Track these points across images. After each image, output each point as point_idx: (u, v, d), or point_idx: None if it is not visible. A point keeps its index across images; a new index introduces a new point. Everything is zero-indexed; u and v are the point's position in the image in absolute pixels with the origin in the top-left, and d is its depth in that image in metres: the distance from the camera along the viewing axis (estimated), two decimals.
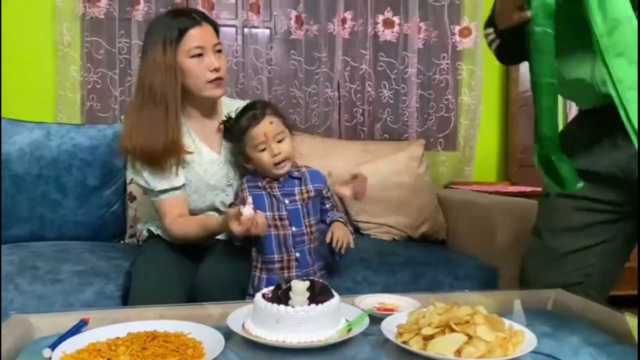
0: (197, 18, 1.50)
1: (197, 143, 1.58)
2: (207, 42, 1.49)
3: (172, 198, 1.52)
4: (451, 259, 1.90)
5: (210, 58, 1.48)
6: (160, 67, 1.46)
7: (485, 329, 0.92)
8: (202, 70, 1.48)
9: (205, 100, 1.55)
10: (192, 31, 1.48)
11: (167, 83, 1.46)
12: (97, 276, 1.59)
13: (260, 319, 0.98)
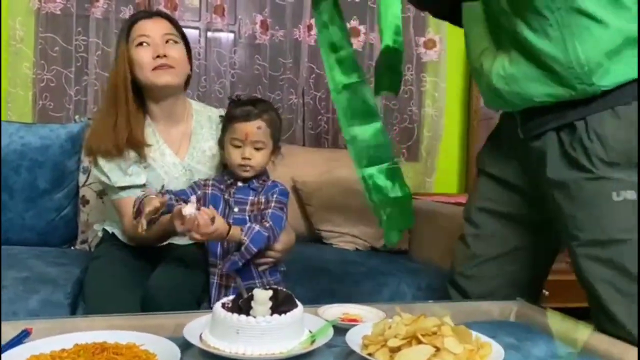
0: (152, 13, 1.54)
1: (161, 145, 1.54)
2: (154, 31, 1.47)
3: (133, 197, 1.45)
4: (414, 269, 1.89)
5: (156, 46, 1.46)
6: (115, 61, 1.51)
7: (453, 340, 0.89)
8: (146, 58, 1.46)
9: (157, 90, 1.49)
10: (140, 22, 1.49)
11: (118, 75, 1.47)
12: (44, 283, 1.49)
13: (220, 329, 0.93)
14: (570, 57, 1.11)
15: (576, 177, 1.17)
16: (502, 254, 1.38)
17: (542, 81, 1.17)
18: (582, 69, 1.11)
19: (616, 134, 1.13)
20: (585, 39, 1.10)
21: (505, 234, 1.38)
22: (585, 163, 1.15)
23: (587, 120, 1.14)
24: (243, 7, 2.59)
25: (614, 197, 1.13)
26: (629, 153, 1.13)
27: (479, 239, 1.41)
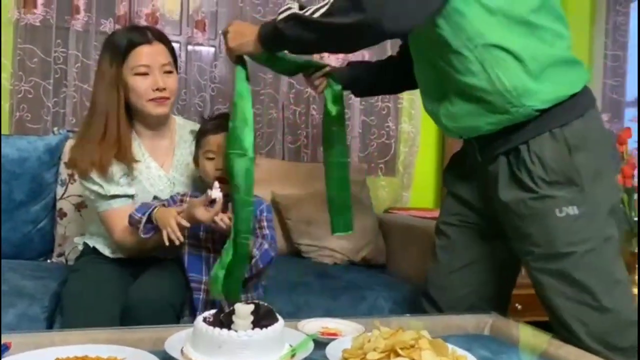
0: (149, 36, 1.49)
1: (147, 158, 1.56)
2: (155, 61, 1.48)
3: (123, 207, 1.48)
4: (391, 283, 1.92)
5: (155, 77, 1.48)
6: (105, 80, 1.47)
7: (430, 353, 0.92)
8: (145, 89, 1.47)
9: (149, 117, 1.52)
10: (140, 48, 1.47)
11: (110, 96, 1.47)
12: (20, 297, 1.48)
13: (201, 343, 0.94)
14: (497, 86, 1.21)
15: (523, 197, 1.25)
16: (468, 265, 1.45)
17: (482, 113, 1.26)
18: (511, 94, 1.21)
19: (554, 155, 1.22)
20: (505, 68, 1.20)
21: (470, 246, 1.45)
22: (529, 184, 1.24)
23: (529, 144, 1.23)
24: (224, 22, 2.60)
25: (557, 213, 1.22)
26: (567, 172, 1.21)
27: (446, 251, 1.48)
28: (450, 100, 1.31)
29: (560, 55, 1.23)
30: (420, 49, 1.35)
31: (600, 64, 2.82)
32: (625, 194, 2.36)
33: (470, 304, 1.42)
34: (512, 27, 1.19)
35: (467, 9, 1.18)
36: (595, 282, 1.22)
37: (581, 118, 1.23)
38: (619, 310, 1.22)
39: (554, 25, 1.23)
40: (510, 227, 1.32)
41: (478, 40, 1.19)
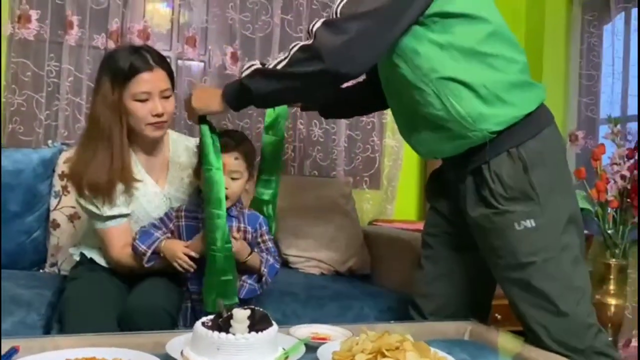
0: (150, 62, 1.50)
1: (143, 174, 1.59)
2: (155, 87, 1.49)
3: (120, 226, 1.52)
4: (376, 292, 1.99)
5: (155, 103, 1.49)
6: (107, 104, 1.48)
7: (413, 354, 0.99)
8: (144, 114, 1.49)
9: (146, 138, 1.56)
10: (142, 75, 1.48)
11: (113, 120, 1.49)
12: (17, 305, 1.52)
13: (201, 346, 1.00)
14: (453, 114, 1.32)
15: (487, 213, 1.36)
16: (448, 273, 1.54)
17: (444, 139, 1.37)
18: (466, 120, 1.31)
19: (510, 173, 1.32)
20: (460, 97, 1.31)
21: (450, 255, 1.54)
22: (491, 200, 1.34)
23: (490, 164, 1.34)
24: (214, 39, 2.68)
25: (516, 226, 1.32)
26: (523, 189, 1.32)
27: (429, 261, 1.57)
28: (416, 128, 1.43)
29: (512, 79, 1.34)
30: (387, 83, 1.47)
31: (575, 83, 2.94)
32: (600, 208, 2.48)
33: (452, 310, 1.51)
34: (463, 59, 1.30)
35: (421, 47, 1.30)
36: (553, 288, 1.32)
37: (536, 137, 1.33)
38: (576, 314, 1.32)
39: (504, 51, 1.34)
40: (479, 241, 1.43)
41: (433, 75, 1.30)
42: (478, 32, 1.31)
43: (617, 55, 2.76)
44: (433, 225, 1.58)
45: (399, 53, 1.32)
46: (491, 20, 1.33)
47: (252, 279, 1.51)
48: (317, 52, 1.21)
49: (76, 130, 2.40)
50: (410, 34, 1.30)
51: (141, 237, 1.48)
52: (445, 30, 1.29)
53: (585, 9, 2.93)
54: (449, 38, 1.29)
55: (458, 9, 1.29)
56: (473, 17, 1.30)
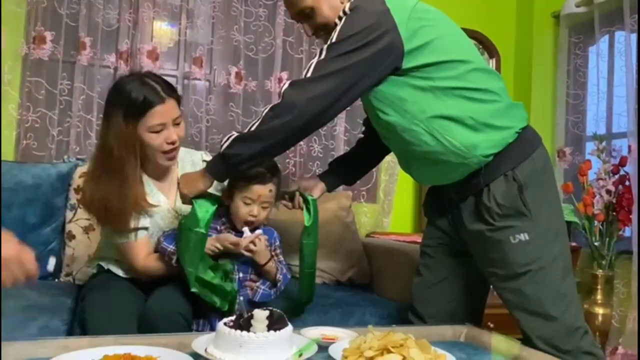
0: (162, 94, 1.54)
1: (155, 192, 1.67)
2: (168, 118, 1.55)
3: (143, 238, 1.61)
4: (376, 300, 2.10)
5: (169, 131, 1.56)
6: (121, 137, 1.52)
7: (416, 351, 1.10)
8: (159, 143, 1.56)
9: (160, 165, 1.64)
10: (156, 109, 1.53)
11: (127, 152, 1.54)
12: (41, 311, 1.62)
13: (224, 344, 1.10)
14: (448, 147, 1.44)
15: (483, 229, 1.49)
16: (444, 279, 1.66)
17: (444, 171, 1.50)
18: (461, 150, 1.44)
19: (506, 195, 1.45)
20: (451, 131, 1.44)
21: (447, 263, 1.66)
22: (488, 218, 1.48)
23: (490, 187, 1.47)
24: (219, 59, 2.81)
25: (512, 240, 1.46)
26: (517, 207, 1.45)
27: (427, 268, 1.69)
28: (415, 164, 1.56)
29: (495, 107, 1.46)
30: (379, 128, 1.59)
31: (563, 102, 3.08)
32: (587, 221, 2.60)
33: (449, 313, 1.63)
34: (446, 97, 1.43)
35: (404, 93, 1.43)
36: (545, 295, 1.45)
37: (528, 159, 1.46)
38: (565, 318, 1.45)
39: (481, 83, 1.46)
40: (476, 254, 1.56)
41: (422, 115, 1.43)
42: (456, 72, 1.43)
43: (601, 75, 2.90)
44: (431, 238, 1.69)
45: (384, 101, 1.45)
46: (467, 59, 1.45)
47: (266, 285, 1.62)
48: (284, 108, 1.37)
49: (87, 146, 2.51)
50: (389, 82, 1.42)
51: (167, 239, 1.57)
52: (425, 76, 1.42)
53: (571, 32, 3.08)
54: (430, 82, 1.42)
55: (435, 58, 1.41)
56: (450, 61, 1.43)
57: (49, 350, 1.13)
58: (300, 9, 1.51)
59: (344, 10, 1.42)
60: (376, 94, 1.44)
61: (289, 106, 1.37)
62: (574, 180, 2.75)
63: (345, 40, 1.37)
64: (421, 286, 1.68)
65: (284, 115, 1.37)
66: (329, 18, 1.48)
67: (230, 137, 1.43)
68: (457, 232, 1.59)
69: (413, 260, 2.14)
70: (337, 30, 1.40)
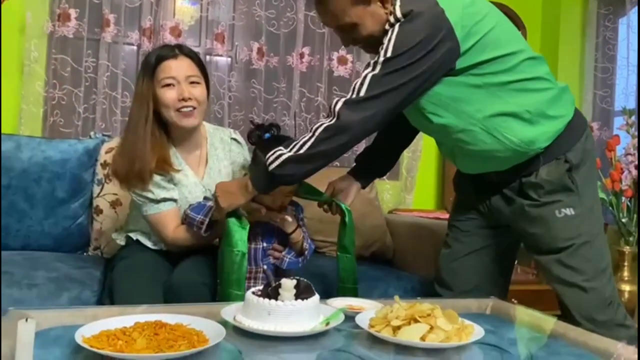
0: (175, 51, 1.60)
1: (184, 166, 1.68)
2: (180, 73, 1.57)
3: (172, 209, 1.62)
4: (399, 275, 2.11)
5: (181, 88, 1.57)
6: (137, 96, 1.60)
7: (444, 320, 1.11)
8: (171, 99, 1.57)
9: (179, 128, 1.63)
10: (166, 62, 1.58)
11: (140, 110, 1.58)
12: (72, 282, 1.65)
13: (252, 312, 1.12)
14: (506, 144, 1.42)
15: (528, 204, 1.48)
16: (475, 251, 1.65)
17: (498, 163, 1.48)
18: (520, 146, 1.42)
19: (556, 175, 1.45)
20: (509, 128, 1.41)
21: (477, 237, 1.65)
22: (532, 194, 1.47)
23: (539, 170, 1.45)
24: (241, 35, 2.80)
25: (557, 214, 1.45)
26: (565, 184, 1.45)
27: (457, 241, 1.68)
28: (464, 159, 1.55)
29: (548, 96, 1.44)
30: (429, 133, 1.57)
31: (591, 76, 3.02)
32: (614, 197, 2.56)
33: (475, 285, 1.63)
34: (500, 93, 1.39)
35: (460, 93, 1.38)
36: (587, 268, 1.45)
37: (579, 141, 1.46)
38: (602, 291, 1.46)
39: (533, 71, 1.43)
40: (518, 230, 1.55)
41: (478, 115, 1.40)
42: (509, 65, 1.38)
43: (632, 48, 2.83)
44: (461, 212, 1.69)
45: (437, 103, 1.39)
46: (517, 49, 1.41)
47: (291, 254, 1.64)
48: (339, 129, 1.32)
49: (112, 122, 2.54)
50: (443, 83, 1.37)
51: (194, 209, 1.58)
52: (480, 73, 1.37)
53: (600, 3, 3.00)
54: (485, 79, 1.37)
55: (489, 54, 1.36)
56: (503, 56, 1.38)
57: (80, 319, 1.15)
58: (339, 25, 1.41)
59: (396, 16, 1.32)
60: (429, 97, 1.39)
61: (344, 127, 1.32)
62: (601, 155, 2.69)
63: (402, 55, 1.29)
64: (449, 258, 1.69)
65: (338, 136, 1.33)
66: (374, 31, 1.40)
67: (279, 156, 1.36)
68: (491, 207, 1.58)
69: (437, 236, 2.13)
70: (392, 41, 1.31)
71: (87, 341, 0.95)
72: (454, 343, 1.08)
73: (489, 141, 1.42)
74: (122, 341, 0.95)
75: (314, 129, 1.35)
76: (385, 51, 1.31)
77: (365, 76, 1.33)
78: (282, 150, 1.36)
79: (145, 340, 0.96)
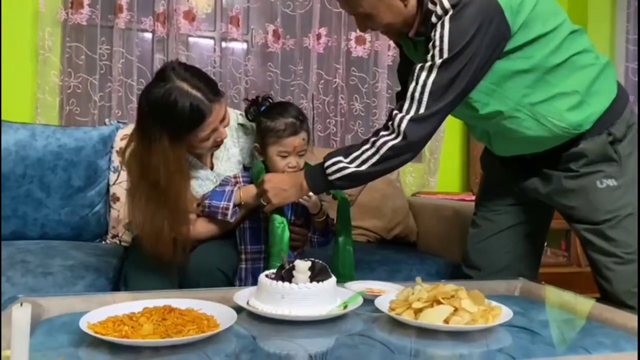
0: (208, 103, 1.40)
1: (192, 160, 1.60)
2: (218, 122, 1.46)
3: None
4: (423, 258, 2.04)
5: (219, 132, 1.48)
6: (168, 161, 1.39)
7: (469, 302, 1.04)
8: (210, 145, 1.50)
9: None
10: (206, 121, 1.41)
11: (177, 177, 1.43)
12: (87, 270, 1.63)
13: (265, 295, 1.07)
14: (554, 131, 1.36)
15: (567, 176, 1.42)
16: (504, 230, 1.59)
17: (540, 146, 1.42)
18: (569, 130, 1.36)
19: (599, 148, 1.38)
20: (556, 113, 1.34)
21: (507, 214, 1.59)
22: (572, 166, 1.41)
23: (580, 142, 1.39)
24: (256, 18, 2.74)
25: (598, 185, 1.39)
26: (607, 155, 1.38)
27: (485, 219, 1.62)
28: (501, 143, 1.49)
29: (594, 72, 1.36)
30: (474, 122, 1.50)
31: (622, 48, 2.89)
32: None
33: (506, 264, 1.57)
34: (548, 76, 1.32)
35: (505, 80, 1.31)
36: (627, 239, 1.39)
37: (623, 114, 1.39)
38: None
39: (577, 45, 1.35)
40: (557, 204, 1.48)
41: (525, 100, 1.33)
42: (554, 44, 1.31)
43: None
44: (490, 190, 1.63)
45: (484, 91, 1.33)
46: (559, 24, 1.33)
47: (316, 234, 1.62)
48: (407, 147, 1.29)
49: (129, 110, 2.51)
50: (490, 70, 1.30)
51: (213, 197, 1.51)
52: (525, 56, 1.30)
53: None
54: (531, 62, 1.30)
55: (533, 34, 1.28)
56: (547, 33, 1.30)
57: (91, 304, 1.11)
58: (355, 14, 1.36)
59: (444, 7, 1.23)
60: None
61: (412, 146, 1.30)
62: None
63: (460, 53, 1.22)
64: (477, 237, 1.63)
65: (405, 155, 1.31)
66: (391, 22, 1.33)
67: (341, 168, 1.32)
68: (523, 184, 1.51)
69: (463, 217, 2.06)
70: (445, 38, 1.23)
71: (92, 327, 0.91)
72: (480, 325, 1.01)
73: (535, 128, 1.36)
74: (128, 327, 0.91)
75: (378, 145, 1.30)
76: (441, 50, 1.24)
77: (424, 84, 1.26)
78: (343, 160, 1.33)
79: (152, 325, 0.91)
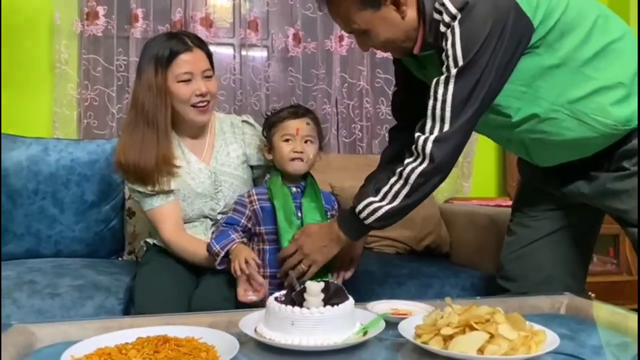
0: (189, 43, 1.52)
1: (187, 153, 1.59)
2: (196, 67, 1.51)
3: (166, 205, 1.53)
4: (457, 270, 1.88)
5: (197, 83, 1.51)
6: (152, 89, 1.51)
7: (507, 327, 0.89)
8: (188, 95, 1.51)
9: (192, 122, 1.57)
10: (182, 56, 1.51)
11: (158, 105, 1.51)
12: (97, 290, 1.55)
13: (274, 321, 0.95)
14: (600, 129, 1.21)
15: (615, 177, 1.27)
16: (544, 237, 1.44)
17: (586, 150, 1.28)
18: (616, 127, 1.21)
19: None
20: (601, 110, 1.19)
21: (547, 220, 1.44)
22: (626, 165, 1.25)
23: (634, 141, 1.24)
24: (275, 22, 2.65)
25: None
26: None
27: (522, 226, 1.48)
28: (543, 153, 1.33)
29: (636, 56, 1.21)
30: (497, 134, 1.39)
31: None
32: None
33: (547, 274, 1.42)
34: (584, 69, 1.18)
35: (536, 78, 1.18)
36: None
37: None
38: None
39: (613, 32, 1.20)
40: (607, 207, 1.32)
41: (562, 99, 1.19)
42: (584, 31, 1.17)
43: None
44: (528, 194, 1.49)
45: (513, 95, 1.21)
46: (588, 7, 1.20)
47: None
48: (436, 171, 1.22)
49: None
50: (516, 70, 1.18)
51: (218, 236, 1.44)
52: (555, 48, 1.16)
53: None
54: (559, 55, 1.17)
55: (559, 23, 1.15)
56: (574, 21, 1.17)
57: (87, 332, 1.03)
58: (351, 32, 1.28)
59: (451, 13, 1.14)
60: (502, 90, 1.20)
61: (440, 168, 1.22)
62: None
63: (476, 57, 1.12)
64: (513, 245, 1.48)
65: (435, 178, 1.24)
66: (390, 37, 1.23)
67: (375, 210, 1.26)
68: (567, 188, 1.36)
69: (499, 225, 1.90)
70: (457, 44, 1.13)
71: None
72: (521, 355, 0.87)
73: (576, 129, 1.21)
74: None
75: (405, 176, 1.23)
76: (455, 59, 1.14)
77: (444, 98, 1.16)
78: (374, 201, 1.26)
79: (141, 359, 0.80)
